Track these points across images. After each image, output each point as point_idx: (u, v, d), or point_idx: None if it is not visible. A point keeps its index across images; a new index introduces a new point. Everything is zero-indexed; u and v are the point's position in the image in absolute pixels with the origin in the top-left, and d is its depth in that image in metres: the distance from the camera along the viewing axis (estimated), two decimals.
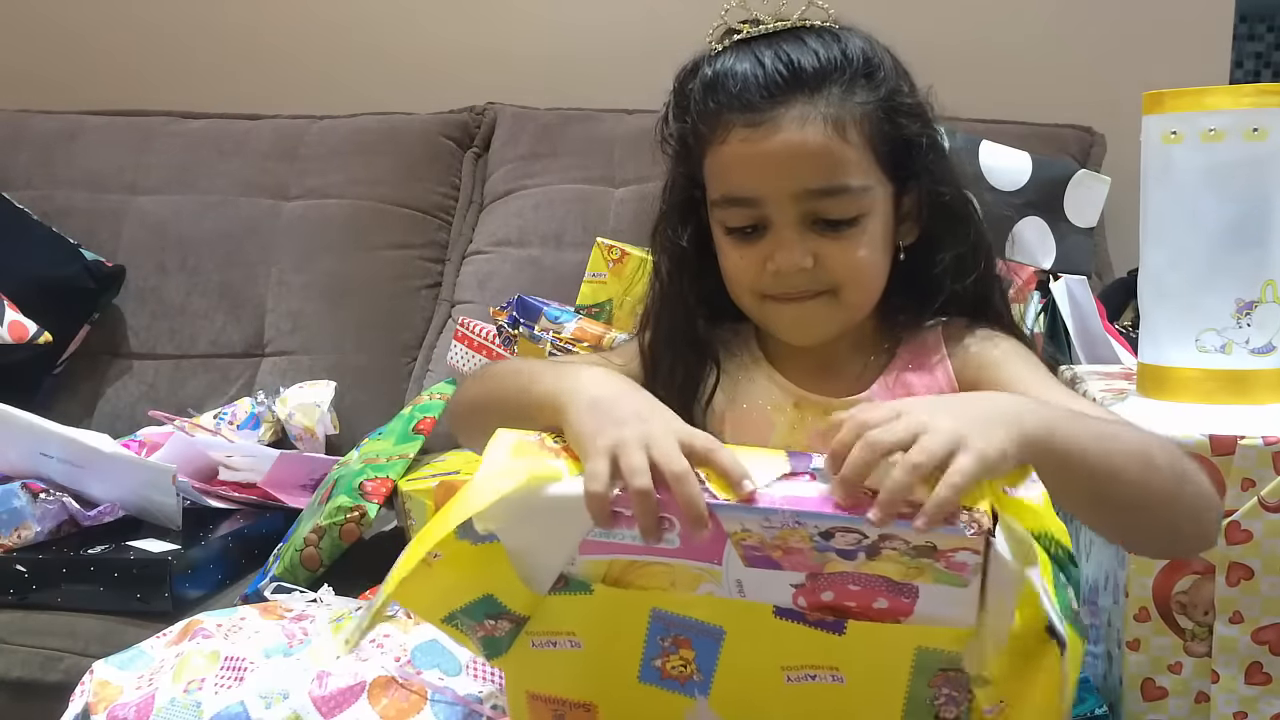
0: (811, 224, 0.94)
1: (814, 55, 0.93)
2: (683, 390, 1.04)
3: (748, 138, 0.93)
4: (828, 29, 0.96)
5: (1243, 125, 0.99)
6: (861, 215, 0.94)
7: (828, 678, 0.81)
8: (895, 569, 0.75)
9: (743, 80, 0.93)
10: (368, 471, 1.50)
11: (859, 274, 0.96)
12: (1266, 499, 0.94)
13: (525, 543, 0.82)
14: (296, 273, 2.07)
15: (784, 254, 0.94)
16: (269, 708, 1.02)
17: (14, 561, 1.43)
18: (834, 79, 0.93)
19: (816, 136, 0.92)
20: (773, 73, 0.93)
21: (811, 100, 0.92)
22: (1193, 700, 0.98)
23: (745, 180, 0.94)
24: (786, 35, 0.95)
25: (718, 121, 0.94)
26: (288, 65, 2.36)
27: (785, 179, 0.93)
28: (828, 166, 0.93)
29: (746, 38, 0.96)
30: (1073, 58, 2.12)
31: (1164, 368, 1.05)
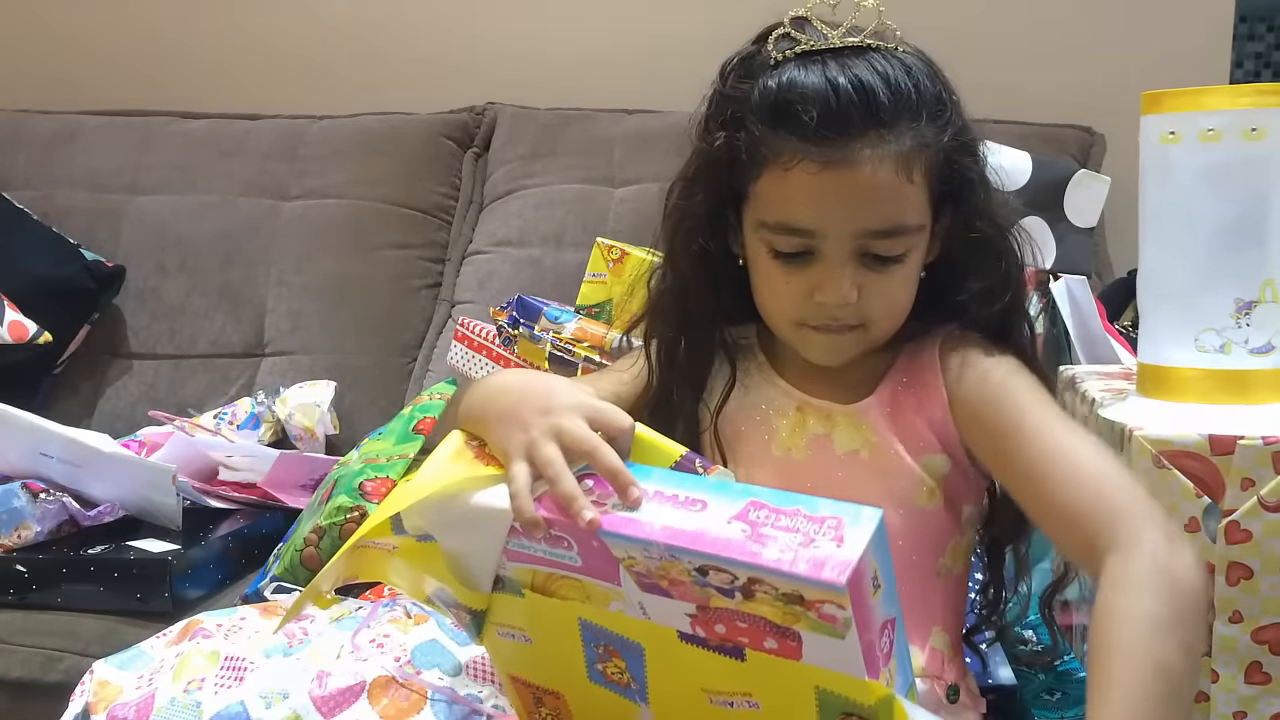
0: (860, 257, 0.93)
1: (886, 86, 0.90)
2: (695, 391, 1.04)
3: (817, 174, 0.90)
4: (894, 54, 0.92)
5: (1241, 125, 0.99)
6: (909, 251, 0.94)
7: (744, 704, 0.78)
8: (772, 612, 0.72)
9: (816, 108, 0.89)
10: (368, 471, 1.50)
11: (895, 310, 0.96)
12: (1266, 499, 0.94)
13: (458, 545, 0.82)
14: (296, 273, 2.07)
15: (833, 288, 0.93)
16: (269, 708, 1.02)
17: (14, 561, 1.43)
18: (906, 115, 0.90)
19: (887, 178, 0.90)
20: (847, 105, 0.89)
21: (884, 138, 0.90)
22: (1192, 700, 0.98)
23: (807, 212, 0.92)
24: (853, 55, 0.91)
25: (784, 149, 0.91)
26: (288, 65, 2.36)
27: (850, 219, 0.91)
28: (892, 208, 0.91)
29: (814, 52, 0.92)
30: (1073, 58, 2.13)
31: (1163, 368, 1.04)
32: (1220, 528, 0.95)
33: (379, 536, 0.84)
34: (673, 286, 1.04)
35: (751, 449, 1.02)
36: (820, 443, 0.99)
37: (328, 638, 1.10)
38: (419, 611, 1.16)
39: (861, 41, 0.92)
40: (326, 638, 1.10)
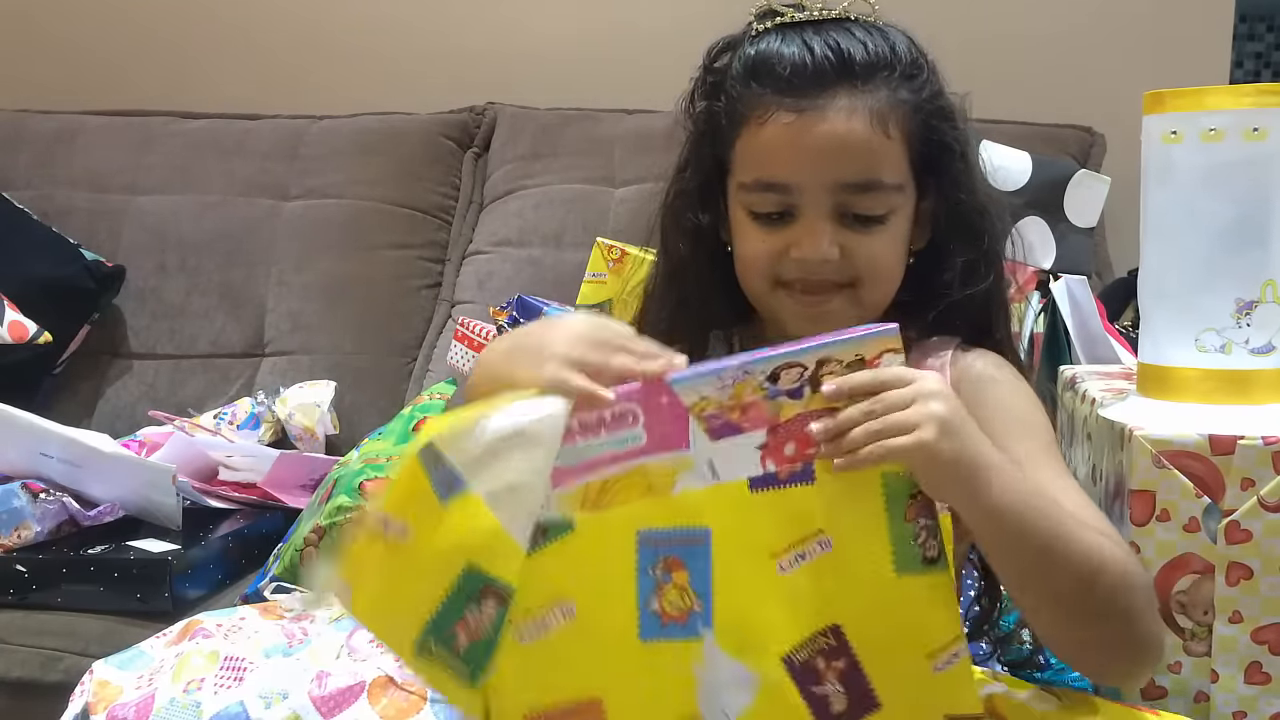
0: (840, 217, 0.93)
1: (863, 47, 0.93)
2: None
3: (791, 123, 0.92)
4: (872, 24, 0.95)
5: (1243, 125, 0.99)
6: (890, 213, 0.94)
7: (815, 549, 0.80)
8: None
9: (791, 63, 0.92)
10: (368, 471, 1.50)
11: (880, 270, 0.95)
12: (1266, 499, 0.94)
13: (497, 480, 0.78)
14: (296, 273, 2.07)
15: (811, 242, 0.93)
16: (269, 708, 1.02)
17: (14, 561, 1.43)
18: (882, 73, 0.93)
19: (861, 129, 0.91)
20: (822, 59, 0.92)
21: (859, 92, 0.92)
22: (1192, 700, 0.98)
23: (782, 166, 0.93)
24: (832, 24, 0.94)
25: (759, 103, 0.93)
26: (288, 65, 2.36)
27: (824, 169, 0.92)
28: (867, 161, 0.92)
29: (792, 21, 0.95)
30: (1073, 58, 2.12)
31: (1164, 368, 1.05)
32: (1220, 528, 0.95)
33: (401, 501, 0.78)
34: (665, 273, 1.04)
35: None
36: None
37: (327, 638, 1.10)
38: None
39: (840, 13, 0.95)
40: (326, 638, 1.10)
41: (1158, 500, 0.96)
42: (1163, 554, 0.97)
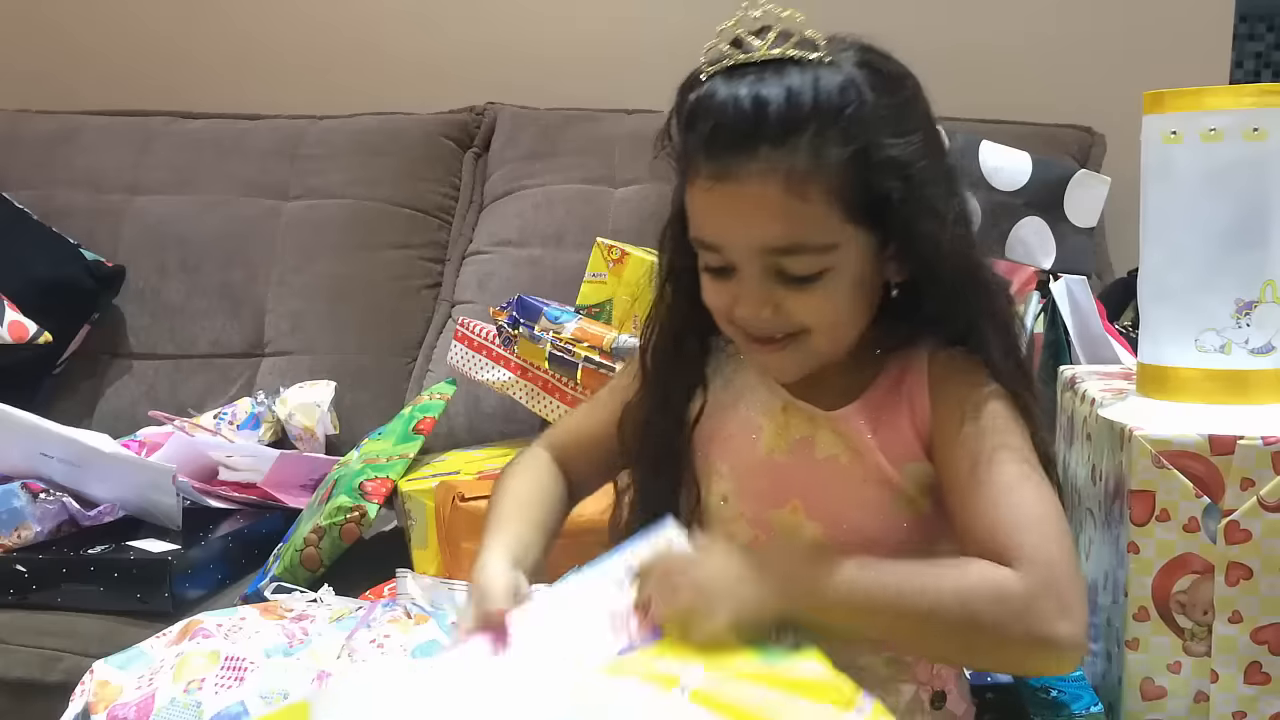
0: (777, 274, 0.92)
1: (786, 103, 0.88)
2: (671, 402, 1.04)
3: (711, 189, 0.90)
4: (815, 66, 0.89)
5: (1243, 125, 0.99)
6: (825, 271, 0.91)
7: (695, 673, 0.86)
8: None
9: (713, 125, 0.89)
10: (368, 471, 1.50)
11: (826, 321, 0.94)
12: (1266, 499, 0.94)
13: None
14: (296, 273, 2.07)
15: (744, 305, 0.93)
16: (269, 707, 1.02)
17: (14, 561, 1.43)
18: (801, 132, 0.88)
19: (775, 195, 0.88)
20: (738, 120, 0.88)
21: (775, 154, 0.88)
22: (1192, 700, 0.98)
23: (709, 227, 0.93)
24: (771, 71, 0.89)
25: (689, 161, 0.92)
26: (288, 65, 2.36)
27: (744, 234, 0.91)
28: (786, 226, 0.90)
29: (732, 67, 0.90)
30: (1073, 58, 2.12)
31: (1164, 368, 1.04)
32: (1220, 528, 0.95)
33: None
34: (659, 294, 1.05)
35: (739, 450, 1.02)
36: (803, 445, 0.99)
37: (328, 638, 1.10)
38: (419, 611, 1.16)
39: (783, 53, 0.89)
40: (326, 638, 1.10)
41: (1158, 500, 0.96)
42: (1163, 554, 0.97)
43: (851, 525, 0.97)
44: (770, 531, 1.00)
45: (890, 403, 0.97)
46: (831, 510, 0.98)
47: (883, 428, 0.97)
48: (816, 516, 0.98)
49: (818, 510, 0.98)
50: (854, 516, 0.97)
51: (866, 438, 0.97)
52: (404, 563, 1.42)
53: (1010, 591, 0.84)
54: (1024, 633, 0.83)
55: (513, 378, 1.63)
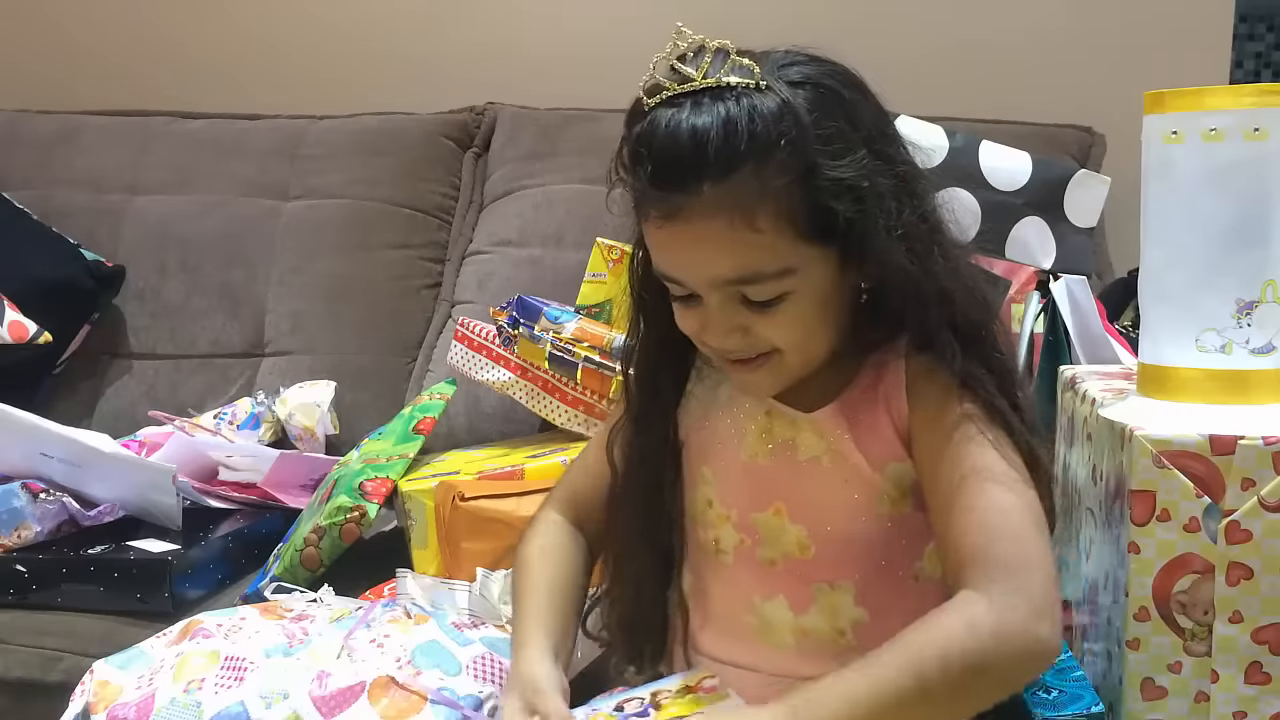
0: (739, 300, 0.92)
1: (723, 136, 0.87)
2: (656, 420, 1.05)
3: (661, 225, 0.91)
4: (750, 92, 0.88)
5: (1244, 125, 0.99)
6: (786, 294, 0.91)
7: None
8: (679, 708, 0.94)
9: (654, 162, 0.89)
10: (368, 471, 1.50)
11: (795, 339, 0.94)
12: (1266, 499, 0.94)
13: None
14: (296, 273, 2.07)
15: (710, 333, 0.94)
16: (269, 708, 1.02)
17: (14, 561, 1.43)
18: (744, 162, 0.87)
19: (723, 230, 0.88)
20: (679, 156, 0.87)
21: (718, 189, 0.87)
22: (1192, 700, 0.98)
23: (665, 263, 0.94)
24: (709, 100, 0.88)
25: (639, 198, 0.92)
26: (288, 65, 2.36)
27: (697, 267, 0.91)
28: (738, 258, 0.89)
29: (672, 96, 0.89)
30: (1073, 58, 2.12)
31: (1164, 368, 1.04)
32: (1220, 528, 0.95)
33: None
34: (634, 321, 1.05)
35: (723, 454, 1.03)
36: (785, 448, 0.99)
37: (328, 638, 1.10)
38: (419, 611, 1.16)
39: (718, 81, 0.89)
40: (326, 638, 1.10)
41: (1158, 500, 0.96)
42: (1163, 554, 0.97)
43: (834, 527, 0.97)
44: (756, 534, 1.00)
45: (868, 402, 0.97)
46: (814, 512, 0.98)
47: (860, 427, 0.97)
48: (799, 519, 0.98)
49: (800, 512, 0.99)
50: (836, 518, 0.97)
51: (845, 437, 0.97)
52: (404, 563, 1.42)
53: (978, 621, 0.83)
54: (1008, 652, 0.83)
55: (513, 378, 1.63)
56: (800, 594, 0.98)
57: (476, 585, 1.26)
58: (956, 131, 1.72)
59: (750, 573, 1.00)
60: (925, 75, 1.99)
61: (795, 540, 0.98)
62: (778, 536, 0.99)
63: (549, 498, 1.14)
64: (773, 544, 0.99)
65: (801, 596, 0.98)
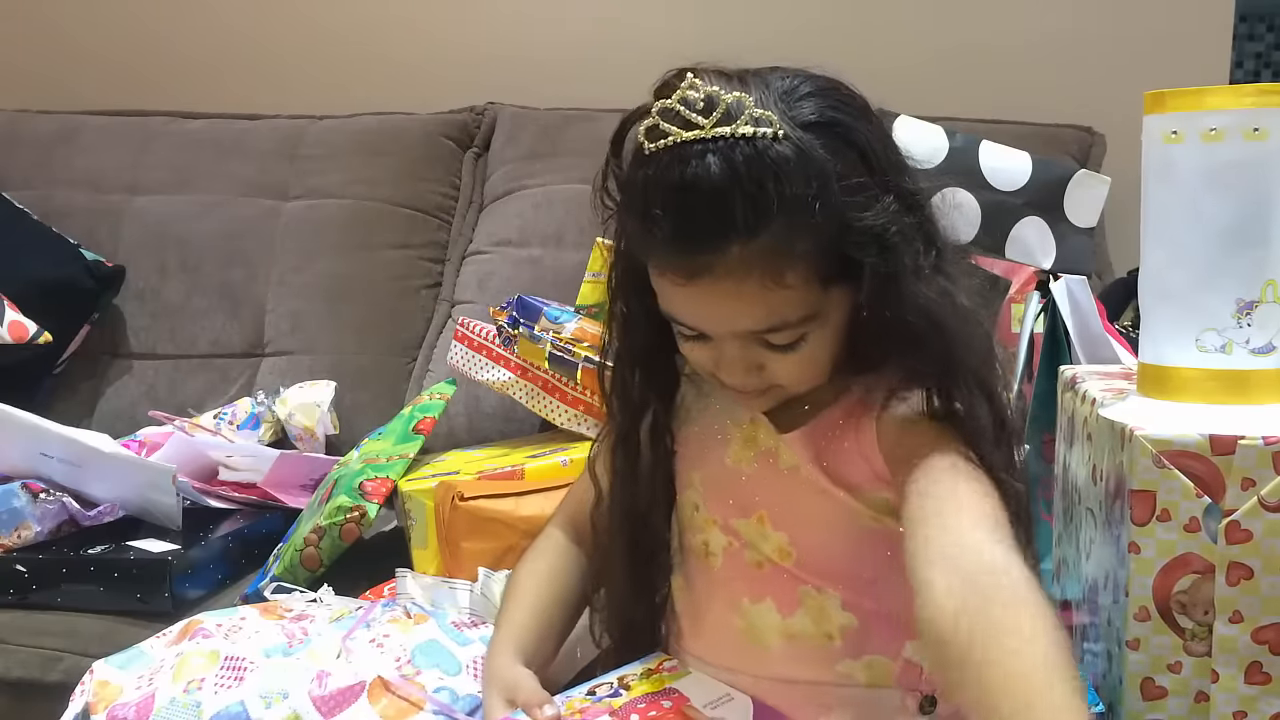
0: (758, 343, 0.91)
1: (748, 196, 0.83)
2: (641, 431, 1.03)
3: (683, 286, 0.88)
4: (766, 143, 0.84)
5: (1244, 125, 0.99)
6: (804, 336, 0.91)
7: None
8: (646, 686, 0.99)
9: (673, 224, 0.85)
10: (368, 471, 1.50)
11: (805, 377, 0.94)
12: (1266, 499, 0.94)
13: None
14: (296, 273, 2.07)
15: (728, 374, 0.93)
16: (269, 708, 1.02)
17: (14, 561, 1.43)
18: (769, 224, 0.84)
19: (752, 289, 0.86)
20: (703, 218, 0.84)
21: (745, 249, 0.84)
22: (1192, 700, 0.98)
23: (684, 316, 0.91)
24: (721, 151, 0.84)
25: (652, 253, 0.89)
26: (288, 65, 2.36)
27: (723, 322, 0.90)
28: (765, 311, 0.88)
29: (680, 144, 0.85)
30: (1073, 58, 2.12)
31: (1164, 367, 1.04)
32: (1220, 528, 0.95)
33: None
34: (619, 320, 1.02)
35: (708, 460, 1.02)
36: (768, 457, 0.99)
37: (327, 638, 1.11)
38: (419, 611, 1.16)
39: (732, 132, 0.84)
40: (326, 638, 1.10)
41: (1158, 500, 0.96)
42: (1163, 554, 0.97)
43: (814, 536, 0.97)
44: (741, 539, 1.00)
45: (838, 435, 0.96)
46: (794, 522, 0.98)
47: (830, 457, 0.96)
48: (782, 526, 0.98)
49: (783, 521, 0.98)
50: (815, 527, 0.97)
51: (810, 464, 0.96)
52: (404, 563, 1.42)
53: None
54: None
55: (513, 378, 1.63)
56: (788, 597, 0.98)
57: (478, 585, 1.26)
58: (956, 131, 1.72)
59: (739, 575, 1.00)
60: (925, 75, 1.99)
61: (777, 546, 0.98)
62: (760, 542, 0.99)
63: (553, 516, 1.14)
64: (757, 548, 0.99)
65: (789, 599, 0.98)
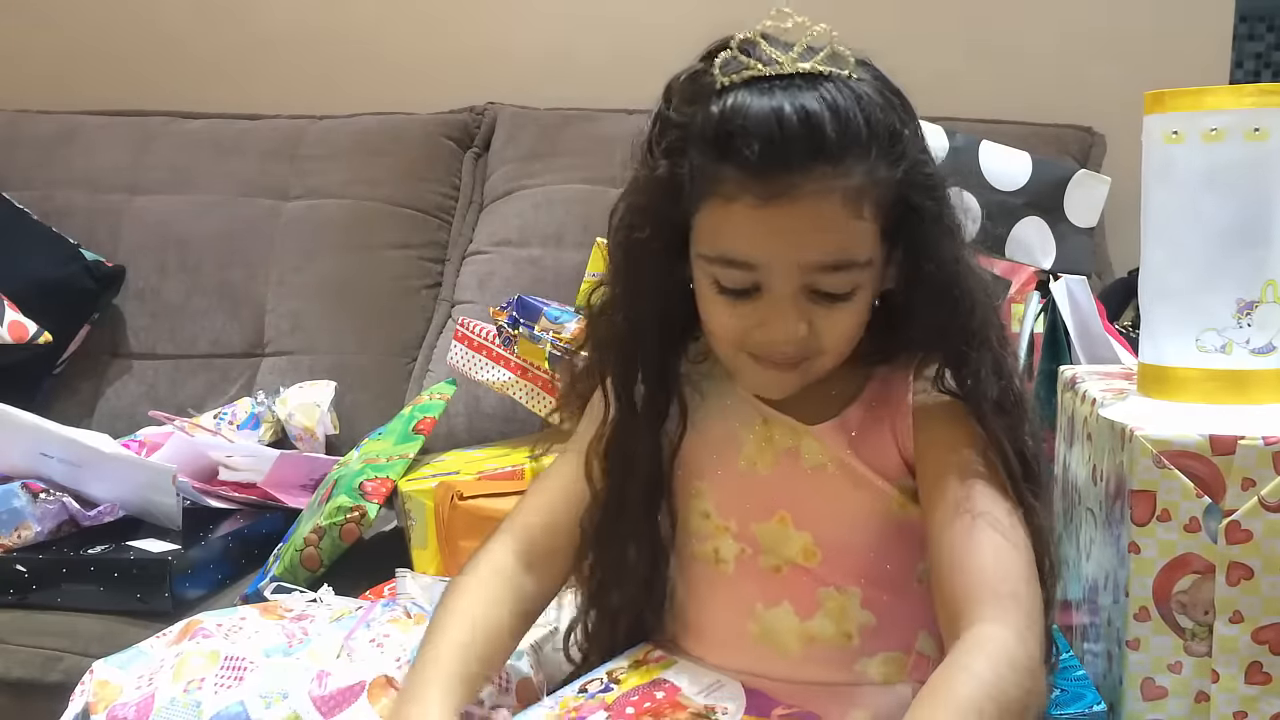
0: (809, 293, 0.90)
1: (836, 120, 0.85)
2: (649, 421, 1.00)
3: (760, 207, 0.86)
4: (847, 82, 0.87)
5: (1244, 125, 0.99)
6: (857, 288, 0.91)
7: None
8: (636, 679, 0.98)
9: (759, 140, 0.85)
10: (368, 471, 1.50)
11: (842, 342, 0.93)
12: (1267, 499, 0.94)
13: None
14: (296, 273, 2.07)
15: (780, 324, 0.90)
16: (269, 707, 1.02)
17: (14, 561, 1.43)
18: (855, 150, 0.86)
19: (833, 212, 0.86)
20: (792, 137, 0.85)
21: (830, 173, 0.85)
22: (1193, 700, 0.98)
23: (750, 246, 0.88)
24: (804, 85, 0.86)
25: (725, 179, 0.87)
26: (288, 65, 2.36)
27: (794, 250, 0.88)
28: (839, 243, 0.88)
29: (759, 77, 0.87)
30: (1073, 58, 2.12)
31: (1164, 367, 1.04)
32: (1221, 528, 0.95)
33: None
34: (623, 318, 0.99)
35: (718, 465, 1.01)
36: (788, 456, 0.98)
37: (327, 638, 1.10)
38: (419, 611, 1.16)
39: (813, 68, 0.87)
40: (326, 638, 1.10)
41: (1158, 500, 0.96)
42: (1163, 554, 0.97)
43: (843, 533, 0.97)
44: (757, 544, 0.99)
45: (873, 422, 0.97)
46: (822, 519, 0.97)
47: (865, 446, 0.97)
48: (806, 525, 0.97)
49: (807, 519, 0.97)
50: (845, 524, 0.97)
51: (848, 452, 0.96)
52: (404, 563, 1.42)
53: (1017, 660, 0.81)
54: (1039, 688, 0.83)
55: (513, 378, 1.63)
56: (807, 599, 0.97)
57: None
58: (956, 131, 1.73)
59: (753, 580, 0.99)
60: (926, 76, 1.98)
61: (801, 547, 0.97)
62: (781, 545, 0.98)
63: (500, 530, 1.04)
64: (776, 552, 0.98)
65: (808, 602, 0.97)
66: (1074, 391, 1.18)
